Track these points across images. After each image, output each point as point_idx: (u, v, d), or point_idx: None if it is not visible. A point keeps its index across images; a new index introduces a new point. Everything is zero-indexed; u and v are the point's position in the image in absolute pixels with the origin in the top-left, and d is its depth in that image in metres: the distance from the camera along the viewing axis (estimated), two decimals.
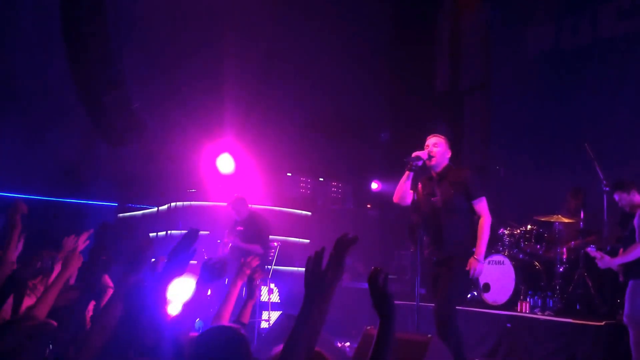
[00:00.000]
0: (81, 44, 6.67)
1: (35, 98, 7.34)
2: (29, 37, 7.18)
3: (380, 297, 1.82)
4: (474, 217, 4.21)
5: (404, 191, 4.16)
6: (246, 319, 2.87)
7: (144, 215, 8.13)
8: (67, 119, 7.35)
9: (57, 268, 2.91)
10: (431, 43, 9.49)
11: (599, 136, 6.81)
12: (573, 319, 5.12)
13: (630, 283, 4.45)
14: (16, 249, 2.95)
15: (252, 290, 2.88)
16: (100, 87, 6.71)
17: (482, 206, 4.16)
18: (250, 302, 2.90)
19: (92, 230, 3.08)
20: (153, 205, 7.90)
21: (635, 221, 4.42)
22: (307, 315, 1.73)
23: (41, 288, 2.90)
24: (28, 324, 2.01)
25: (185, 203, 7.40)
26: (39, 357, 1.85)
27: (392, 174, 4.51)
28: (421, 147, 4.24)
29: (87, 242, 3.08)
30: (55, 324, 2.07)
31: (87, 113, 7.03)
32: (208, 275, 2.29)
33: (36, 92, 7.27)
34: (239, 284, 2.86)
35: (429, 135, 4.32)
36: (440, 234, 4.12)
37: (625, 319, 4.46)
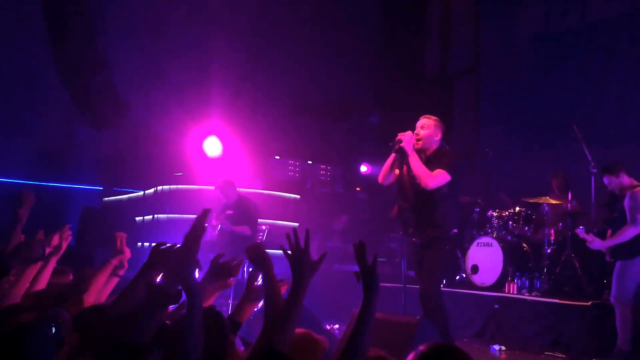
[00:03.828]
0: (62, 24, 6.49)
1: (16, 80, 7.15)
2: (8, 16, 6.96)
3: (368, 274, 1.90)
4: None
5: (385, 171, 4.19)
6: (243, 318, 2.56)
7: (129, 199, 8.02)
8: (49, 101, 7.18)
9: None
10: (421, 26, 9.40)
11: (588, 118, 6.83)
12: (560, 300, 5.17)
13: (618, 264, 4.49)
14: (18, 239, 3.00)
15: (255, 293, 2.53)
16: (83, 69, 6.57)
17: (440, 174, 3.99)
18: (249, 305, 2.56)
19: (69, 226, 3.03)
20: (139, 189, 7.80)
21: (626, 203, 4.44)
22: (296, 295, 1.83)
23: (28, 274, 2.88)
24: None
25: (172, 187, 7.31)
26: (44, 339, 1.86)
27: (381, 157, 4.48)
28: (410, 130, 4.21)
29: (69, 237, 3.02)
30: (45, 310, 2.06)
31: (70, 95, 6.87)
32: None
33: (16, 74, 7.08)
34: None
35: (419, 117, 4.28)
36: (422, 216, 4.13)
37: (612, 299, 4.51)
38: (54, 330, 1.90)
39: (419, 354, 1.42)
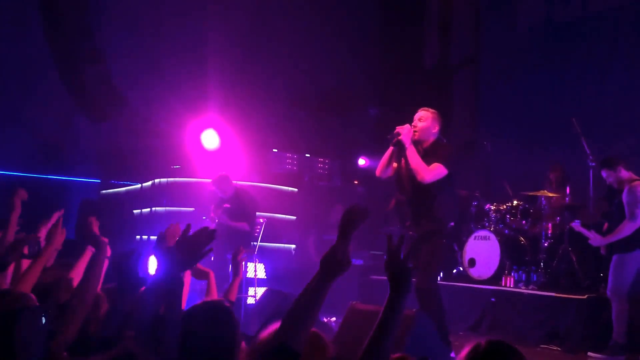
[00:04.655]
0: (58, 15, 6.45)
1: (13, 72, 7.10)
2: (4, 8, 6.91)
3: (399, 271, 1.70)
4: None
5: (383, 164, 4.17)
6: (233, 296, 2.90)
7: (127, 192, 8.01)
8: (47, 93, 7.14)
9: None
10: (420, 18, 9.35)
11: (588, 111, 6.80)
12: (556, 293, 5.19)
13: (614, 257, 4.50)
14: (14, 230, 3.05)
15: (237, 268, 2.94)
16: (79, 61, 6.53)
17: (436, 167, 3.98)
18: (236, 279, 2.94)
19: (62, 211, 3.07)
20: (137, 182, 7.78)
21: (624, 197, 4.43)
22: (320, 292, 1.64)
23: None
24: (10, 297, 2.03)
25: (169, 179, 7.29)
26: (33, 328, 1.88)
27: (379, 150, 4.47)
28: (409, 122, 4.19)
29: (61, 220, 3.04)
30: (34, 298, 2.07)
31: (66, 87, 6.84)
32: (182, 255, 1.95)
33: (12, 66, 7.04)
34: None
35: (418, 109, 4.27)
36: (420, 209, 4.12)
37: (608, 293, 4.52)
38: (44, 321, 1.91)
39: (478, 353, 1.36)
